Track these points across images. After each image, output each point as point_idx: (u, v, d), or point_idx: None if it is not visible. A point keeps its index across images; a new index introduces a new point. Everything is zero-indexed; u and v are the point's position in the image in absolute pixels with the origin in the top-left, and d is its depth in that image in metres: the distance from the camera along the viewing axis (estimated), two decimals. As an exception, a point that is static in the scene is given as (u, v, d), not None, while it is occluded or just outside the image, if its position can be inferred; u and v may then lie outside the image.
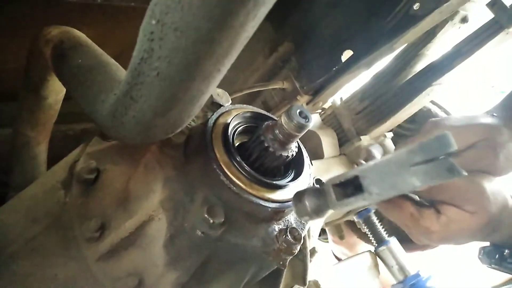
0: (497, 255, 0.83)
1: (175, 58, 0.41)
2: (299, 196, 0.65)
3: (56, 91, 1.04)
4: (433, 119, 0.90)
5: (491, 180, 0.78)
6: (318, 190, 0.63)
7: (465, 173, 0.54)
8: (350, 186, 0.59)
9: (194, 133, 0.77)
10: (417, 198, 0.81)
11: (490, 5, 1.25)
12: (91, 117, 0.62)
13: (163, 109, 0.48)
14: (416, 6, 1.30)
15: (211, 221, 0.66)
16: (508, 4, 1.23)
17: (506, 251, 0.81)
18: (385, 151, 1.61)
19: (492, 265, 0.85)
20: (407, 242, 1.85)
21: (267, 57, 1.73)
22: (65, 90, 1.07)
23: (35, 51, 0.88)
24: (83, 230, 0.80)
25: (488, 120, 0.87)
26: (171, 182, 0.73)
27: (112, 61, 0.72)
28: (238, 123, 0.80)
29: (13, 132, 1.16)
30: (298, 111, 0.69)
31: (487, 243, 0.88)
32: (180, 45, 0.40)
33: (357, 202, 0.57)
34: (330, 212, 0.65)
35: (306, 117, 0.69)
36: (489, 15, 1.28)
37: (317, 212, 0.63)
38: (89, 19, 1.38)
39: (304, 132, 0.70)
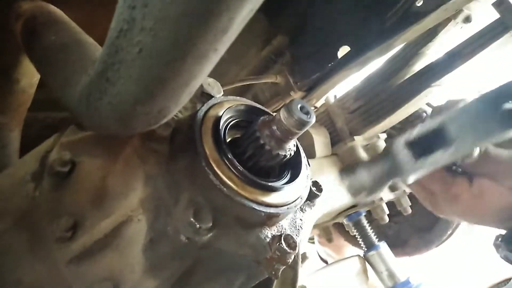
0: None
1: (162, 31, 0.33)
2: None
3: (30, 73, 0.95)
4: None
5: None
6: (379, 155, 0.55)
7: None
8: (425, 143, 0.51)
9: (181, 126, 0.69)
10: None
11: (496, 5, 1.20)
12: (62, 102, 0.54)
13: (146, 94, 0.40)
14: (419, 2, 1.25)
15: (198, 225, 0.59)
16: (514, 5, 1.18)
17: None
18: (377, 153, 1.56)
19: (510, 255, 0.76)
20: (396, 247, 1.82)
21: (260, 50, 1.66)
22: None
23: (5, 28, 0.79)
24: (53, 228, 0.74)
25: None
26: (153, 180, 0.66)
27: (91, 40, 0.63)
28: (231, 117, 0.73)
29: (-18, 119, 1.07)
30: (300, 105, 0.61)
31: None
32: (169, 14, 0.32)
33: (443, 159, 0.49)
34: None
35: (308, 113, 0.62)
36: (494, 16, 1.22)
37: (380, 184, 0.54)
38: (73, 2, 1.29)
39: (305, 129, 0.63)
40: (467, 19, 1.32)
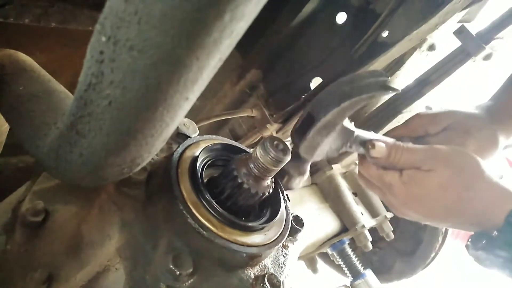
0: (484, 240, 0.75)
1: (131, 84, 0.33)
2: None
3: (-1, 122, 0.92)
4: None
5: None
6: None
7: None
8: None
9: (157, 169, 0.68)
10: None
11: (457, 33, 1.25)
12: (31, 154, 0.52)
13: (117, 145, 0.39)
14: (385, 34, 1.30)
15: (177, 272, 0.57)
16: (474, 32, 1.24)
17: (495, 232, 0.74)
18: (356, 179, 1.57)
19: (480, 254, 0.77)
20: (382, 273, 1.81)
21: (235, 84, 1.67)
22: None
23: (-27, 77, 0.77)
24: (26, 283, 0.70)
25: (464, 108, 0.97)
26: (129, 227, 0.64)
27: (62, 88, 0.62)
28: (207, 156, 0.72)
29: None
30: (275, 143, 0.62)
31: None
32: (137, 67, 0.32)
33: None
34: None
35: (283, 150, 0.62)
36: (456, 43, 1.28)
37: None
38: (44, 44, 1.28)
39: (282, 166, 0.63)
40: (432, 47, 1.38)
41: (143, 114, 0.36)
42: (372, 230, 1.48)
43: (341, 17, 1.41)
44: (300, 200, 1.42)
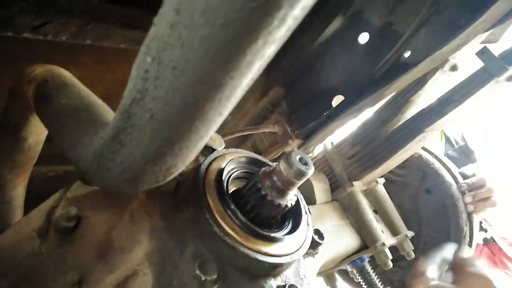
0: None
1: (172, 100, 0.37)
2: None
3: (37, 132, 0.98)
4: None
5: None
6: None
7: None
8: None
9: (185, 180, 0.72)
10: None
11: (479, 54, 1.27)
12: (72, 162, 0.56)
13: (156, 155, 0.43)
14: (407, 54, 1.32)
15: (203, 278, 0.60)
16: (497, 54, 1.25)
17: None
18: (376, 197, 1.57)
19: None
20: (402, 293, 1.79)
21: (258, 100, 1.71)
22: (46, 131, 1.01)
23: (17, 90, 0.83)
24: (58, 285, 0.73)
25: None
26: (158, 233, 0.67)
27: (100, 102, 0.67)
28: (232, 169, 0.75)
29: (-12, 175, 1.09)
30: (298, 157, 0.64)
31: None
32: (178, 85, 0.36)
33: None
34: None
35: (306, 164, 0.64)
36: (479, 64, 1.29)
37: None
38: (78, 60, 1.36)
39: (305, 179, 0.66)
40: (454, 68, 1.39)
41: (181, 127, 0.39)
42: (392, 249, 1.48)
43: (363, 37, 1.44)
44: (321, 216, 1.43)
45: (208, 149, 0.80)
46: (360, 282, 1.54)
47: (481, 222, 1.83)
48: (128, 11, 1.20)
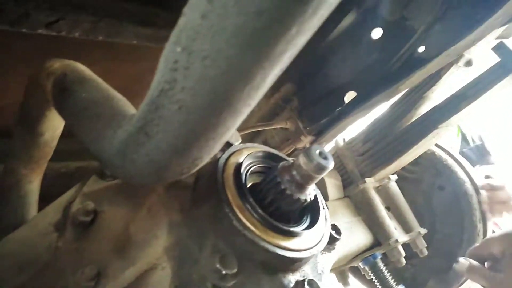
0: None
1: (201, 90, 0.37)
2: None
3: (53, 127, 0.98)
4: None
5: None
6: None
7: None
8: None
9: (203, 174, 0.72)
10: None
11: (495, 49, 1.25)
12: (95, 155, 0.56)
13: (182, 146, 0.43)
14: (421, 49, 1.30)
15: (224, 272, 0.59)
16: (513, 48, 1.24)
17: None
18: (389, 194, 1.57)
19: None
20: (414, 291, 1.78)
21: (269, 97, 1.71)
22: (62, 126, 1.02)
23: (35, 85, 0.84)
24: (76, 278, 0.73)
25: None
26: (177, 227, 0.67)
27: (119, 95, 0.67)
28: (250, 163, 0.75)
29: (3, 169, 1.09)
30: (318, 151, 0.64)
31: None
32: (208, 75, 0.35)
33: None
34: None
35: (326, 158, 0.64)
36: (495, 59, 1.28)
37: None
38: (91, 56, 1.36)
39: (325, 174, 0.65)
40: (469, 63, 1.37)
41: (208, 118, 0.39)
42: (405, 246, 1.47)
43: (377, 33, 1.43)
44: (333, 213, 1.43)
45: (225, 144, 0.80)
46: (372, 279, 1.54)
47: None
48: (141, 8, 1.20)
